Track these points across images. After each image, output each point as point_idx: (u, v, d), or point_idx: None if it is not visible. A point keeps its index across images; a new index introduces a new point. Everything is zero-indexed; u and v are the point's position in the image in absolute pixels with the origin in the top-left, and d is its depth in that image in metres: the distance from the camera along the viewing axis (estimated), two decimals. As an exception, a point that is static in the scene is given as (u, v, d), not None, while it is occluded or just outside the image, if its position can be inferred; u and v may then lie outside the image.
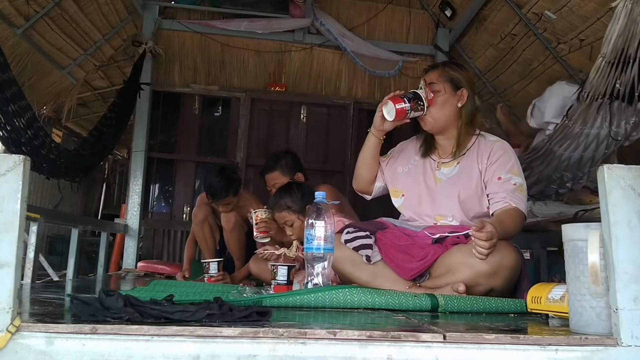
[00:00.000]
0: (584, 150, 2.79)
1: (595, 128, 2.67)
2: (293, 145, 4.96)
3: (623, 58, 2.29)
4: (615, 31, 2.21)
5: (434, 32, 5.17)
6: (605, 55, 2.30)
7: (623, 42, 2.24)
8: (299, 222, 2.58)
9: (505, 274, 1.84)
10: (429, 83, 2.14)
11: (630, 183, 1.15)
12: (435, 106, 2.13)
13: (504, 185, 2.04)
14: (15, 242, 1.06)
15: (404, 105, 2.03)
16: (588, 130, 2.69)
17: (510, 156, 2.12)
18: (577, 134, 2.73)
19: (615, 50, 2.28)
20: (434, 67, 2.25)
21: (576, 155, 2.82)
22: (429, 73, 2.21)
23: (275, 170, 3.14)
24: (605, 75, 2.37)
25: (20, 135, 3.17)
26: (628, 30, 2.20)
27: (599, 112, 2.57)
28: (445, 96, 2.14)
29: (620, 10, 2.16)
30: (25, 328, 1.04)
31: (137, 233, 4.63)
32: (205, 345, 1.04)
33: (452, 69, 2.19)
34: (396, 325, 1.33)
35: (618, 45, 2.26)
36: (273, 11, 4.84)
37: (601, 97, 2.48)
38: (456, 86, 2.15)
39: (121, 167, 9.05)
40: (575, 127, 2.69)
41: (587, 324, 1.16)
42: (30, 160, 1.11)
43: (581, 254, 1.17)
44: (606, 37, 2.27)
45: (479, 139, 2.18)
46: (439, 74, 2.17)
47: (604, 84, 2.41)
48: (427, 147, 2.24)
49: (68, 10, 4.19)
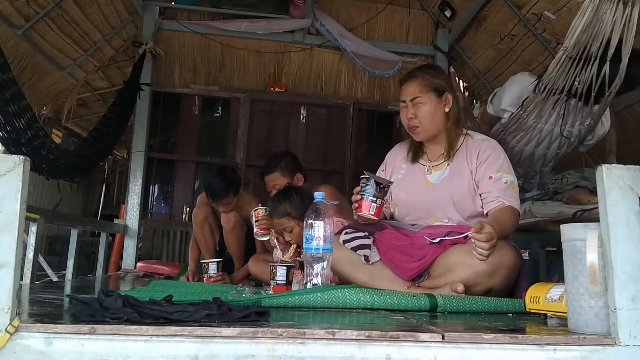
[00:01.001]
0: (536, 146, 2.74)
1: (549, 124, 2.63)
2: (293, 146, 4.96)
3: (585, 55, 2.24)
4: (580, 25, 2.15)
5: (433, 32, 5.17)
6: (567, 49, 2.26)
7: (587, 39, 2.20)
8: (299, 229, 2.57)
9: (504, 273, 1.85)
10: (412, 98, 2.13)
11: (629, 183, 1.15)
12: (425, 117, 2.13)
13: (495, 184, 2.04)
14: (15, 242, 1.06)
15: (375, 204, 1.93)
16: (542, 125, 2.64)
17: (499, 154, 2.13)
18: (530, 127, 2.67)
19: (578, 46, 2.23)
20: (411, 77, 2.20)
21: (528, 150, 2.78)
22: (407, 84, 2.18)
23: (275, 171, 3.14)
24: (565, 70, 2.31)
25: (20, 136, 3.17)
26: (593, 27, 2.16)
27: (554, 107, 2.52)
28: (432, 106, 2.13)
29: (587, 4, 2.12)
30: (24, 328, 1.04)
31: (136, 233, 4.63)
32: (204, 346, 1.04)
33: (431, 76, 2.17)
34: (395, 325, 1.33)
35: (581, 41, 2.20)
36: (273, 12, 4.84)
37: (559, 92, 2.43)
38: (440, 92, 2.15)
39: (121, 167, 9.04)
40: (530, 119, 2.63)
41: (586, 324, 1.16)
42: (30, 161, 1.11)
43: (580, 254, 1.17)
44: (570, 30, 2.22)
45: (467, 139, 2.18)
46: (420, 85, 2.15)
47: (563, 79, 2.35)
48: (415, 152, 2.24)
49: (68, 11, 4.20)
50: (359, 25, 5.13)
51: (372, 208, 1.93)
